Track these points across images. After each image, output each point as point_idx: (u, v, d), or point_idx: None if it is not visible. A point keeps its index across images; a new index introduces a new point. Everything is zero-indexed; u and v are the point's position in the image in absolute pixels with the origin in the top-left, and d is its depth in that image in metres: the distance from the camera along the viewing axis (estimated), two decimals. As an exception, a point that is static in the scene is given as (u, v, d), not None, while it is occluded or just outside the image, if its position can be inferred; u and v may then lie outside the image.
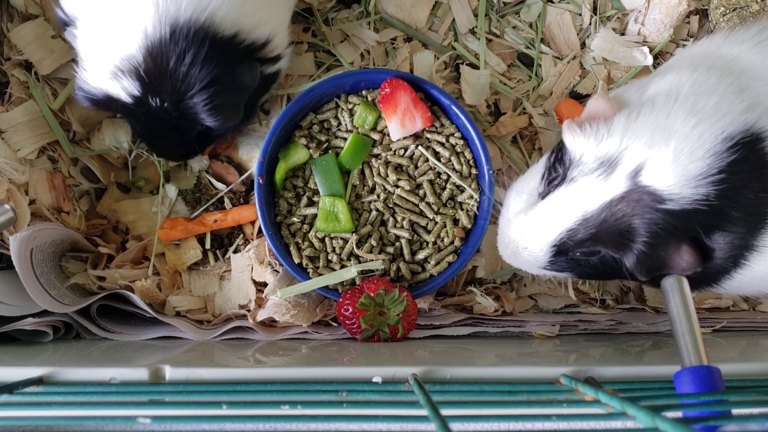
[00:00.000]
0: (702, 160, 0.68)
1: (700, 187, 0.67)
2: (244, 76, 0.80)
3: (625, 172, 0.69)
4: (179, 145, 0.85)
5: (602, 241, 0.72)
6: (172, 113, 0.78)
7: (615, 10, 1.02)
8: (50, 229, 0.87)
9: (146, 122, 0.81)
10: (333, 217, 0.88)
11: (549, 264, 0.76)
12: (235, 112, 0.81)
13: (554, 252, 0.74)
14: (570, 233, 0.72)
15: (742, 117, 0.70)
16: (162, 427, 0.79)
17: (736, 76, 0.75)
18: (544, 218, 0.74)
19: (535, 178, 0.80)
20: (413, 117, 0.88)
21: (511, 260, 0.80)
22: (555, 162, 0.77)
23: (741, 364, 0.68)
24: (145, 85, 0.76)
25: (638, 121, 0.71)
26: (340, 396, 0.58)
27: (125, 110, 0.81)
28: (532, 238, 0.75)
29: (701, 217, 0.68)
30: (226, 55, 0.77)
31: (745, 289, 0.79)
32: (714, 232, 0.70)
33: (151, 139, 0.85)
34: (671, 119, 0.70)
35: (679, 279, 0.65)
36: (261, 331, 0.90)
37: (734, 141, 0.68)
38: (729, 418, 0.52)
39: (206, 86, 0.76)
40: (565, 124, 0.74)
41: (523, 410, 0.56)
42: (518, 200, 0.80)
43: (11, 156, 0.91)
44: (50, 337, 0.88)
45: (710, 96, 0.71)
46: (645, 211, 0.69)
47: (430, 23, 1.02)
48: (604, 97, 0.74)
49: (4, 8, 0.95)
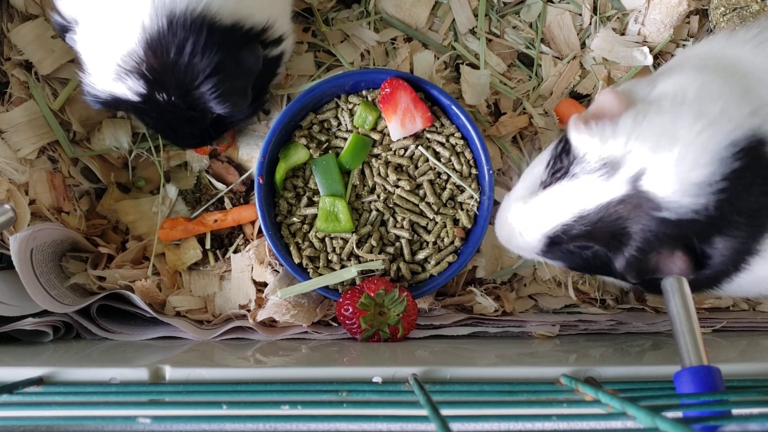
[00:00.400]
0: (705, 167, 0.67)
1: (700, 197, 0.67)
2: (248, 60, 0.79)
3: (626, 175, 0.69)
4: (195, 135, 0.85)
5: (595, 240, 0.72)
6: (181, 106, 0.78)
7: (615, 10, 1.02)
8: (50, 229, 0.87)
9: (158, 117, 0.81)
10: (333, 217, 0.88)
11: (542, 252, 0.78)
12: (243, 96, 0.81)
13: (548, 243, 0.75)
14: (565, 228, 0.73)
15: (747, 122, 0.69)
16: (162, 427, 0.79)
17: (740, 78, 0.74)
18: (542, 209, 0.75)
19: (541, 164, 0.79)
20: (413, 117, 0.88)
21: (504, 242, 0.81)
22: (561, 153, 0.76)
23: (741, 364, 0.68)
24: (149, 81, 0.76)
25: (644, 124, 0.70)
26: (340, 396, 0.58)
27: (136, 109, 0.81)
28: (527, 226, 0.76)
29: (698, 225, 0.68)
30: (227, 42, 0.77)
31: (745, 292, 0.79)
32: (713, 238, 0.69)
33: (167, 132, 0.85)
34: (677, 125, 0.69)
35: (679, 279, 0.65)
36: (261, 331, 0.90)
37: (739, 147, 0.68)
38: (729, 418, 0.52)
39: (210, 74, 0.76)
40: (572, 120, 0.74)
41: (523, 410, 0.56)
42: (522, 184, 0.80)
43: (11, 156, 0.91)
44: (50, 337, 0.88)
45: (715, 101, 0.71)
46: (641, 217, 0.69)
47: (430, 23, 1.02)
48: (614, 91, 0.73)
49: (4, 8, 0.95)
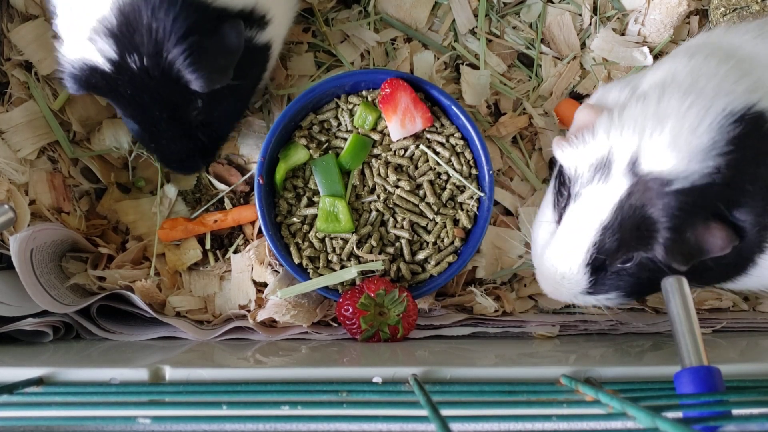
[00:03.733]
0: (705, 134, 0.65)
1: (708, 160, 0.65)
2: (229, 36, 0.76)
3: (621, 167, 0.68)
4: (182, 140, 0.82)
5: (629, 244, 0.70)
6: (153, 72, 0.75)
7: (615, 10, 1.02)
8: (50, 230, 0.87)
9: (134, 100, 0.78)
10: (333, 218, 0.88)
11: (591, 286, 0.74)
12: (223, 74, 0.77)
13: (590, 271, 0.73)
14: (596, 246, 0.71)
15: (744, 96, 0.68)
16: (162, 427, 0.79)
17: (737, 61, 0.73)
18: (566, 241, 0.73)
19: (547, 208, 0.79)
20: (413, 117, 0.88)
21: (555, 295, 0.78)
22: (559, 186, 0.76)
23: (741, 364, 0.67)
24: (119, 42, 0.74)
25: (623, 115, 0.69)
26: (340, 396, 0.58)
27: (109, 87, 0.77)
28: (564, 265, 0.74)
29: (718, 189, 0.66)
30: (204, 11, 0.75)
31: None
32: (736, 208, 0.67)
33: (149, 130, 0.82)
34: (664, 103, 0.68)
35: (679, 279, 0.65)
36: (261, 332, 0.90)
37: (738, 115, 0.66)
38: (729, 419, 0.52)
39: (183, 36, 0.73)
40: (555, 142, 0.74)
41: (523, 410, 0.56)
42: (541, 233, 0.79)
43: (11, 156, 0.91)
44: (50, 338, 0.88)
45: (710, 78, 0.70)
46: (656, 198, 0.67)
47: (430, 23, 1.02)
48: (588, 106, 0.73)
49: (4, 8, 0.95)
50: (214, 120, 0.85)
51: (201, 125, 0.84)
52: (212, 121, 0.85)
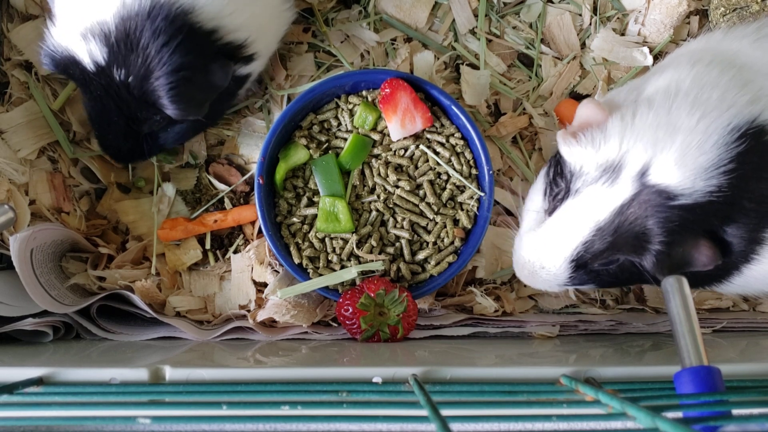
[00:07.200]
0: (711, 151, 0.67)
1: (713, 179, 0.66)
2: (216, 74, 0.78)
3: (630, 174, 0.68)
4: (127, 139, 0.83)
5: (620, 248, 0.70)
6: (133, 91, 0.76)
7: (615, 10, 1.02)
8: (50, 230, 0.87)
9: (100, 100, 0.79)
10: (333, 218, 0.88)
11: (569, 280, 0.75)
12: (198, 108, 0.79)
13: (573, 267, 0.73)
14: (586, 245, 0.71)
15: (747, 109, 0.69)
16: (162, 427, 0.79)
17: (738, 70, 0.74)
18: (556, 234, 0.73)
19: (537, 195, 0.79)
20: (413, 117, 0.88)
21: (529, 281, 0.78)
22: (555, 176, 0.76)
23: (741, 364, 0.68)
24: (113, 53, 0.75)
25: (636, 121, 0.70)
26: (340, 396, 0.58)
27: (83, 79, 0.78)
28: (547, 257, 0.74)
29: (716, 208, 0.67)
30: (201, 48, 0.76)
31: (752, 287, 0.78)
32: (729, 225, 0.69)
33: (101, 124, 0.82)
34: (674, 114, 0.69)
35: (679, 279, 0.65)
36: (261, 332, 0.90)
37: (741, 131, 0.68)
38: (729, 419, 0.52)
39: (175, 69, 0.74)
40: (559, 136, 0.73)
41: (523, 410, 0.56)
42: (527, 219, 0.79)
43: (11, 156, 0.91)
44: (50, 338, 0.88)
45: (713, 89, 0.70)
46: (658, 210, 0.68)
47: (430, 23, 1.02)
48: (594, 101, 0.73)
49: (4, 8, 0.95)
50: (165, 137, 0.86)
51: (149, 135, 0.84)
52: (162, 136, 0.86)
